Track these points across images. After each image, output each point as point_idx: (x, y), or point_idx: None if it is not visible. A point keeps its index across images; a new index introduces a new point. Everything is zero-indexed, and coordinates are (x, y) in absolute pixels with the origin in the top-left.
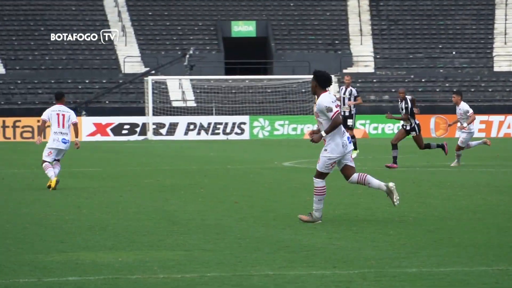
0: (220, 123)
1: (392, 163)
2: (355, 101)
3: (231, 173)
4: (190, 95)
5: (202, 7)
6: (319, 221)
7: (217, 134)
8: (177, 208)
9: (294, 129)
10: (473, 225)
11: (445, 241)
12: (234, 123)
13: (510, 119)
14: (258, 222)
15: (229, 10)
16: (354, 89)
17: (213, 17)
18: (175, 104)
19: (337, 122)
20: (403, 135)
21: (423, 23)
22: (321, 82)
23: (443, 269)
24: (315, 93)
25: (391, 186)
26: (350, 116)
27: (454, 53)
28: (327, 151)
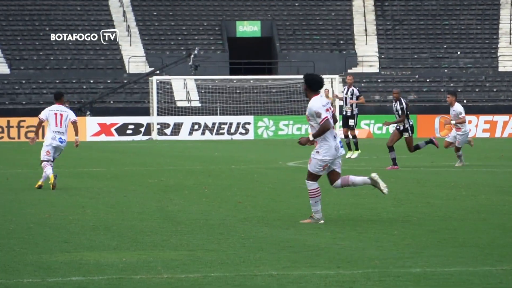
0: (224, 123)
1: (392, 165)
2: (357, 100)
3: (235, 173)
4: (194, 95)
5: (207, 7)
6: (321, 221)
7: (222, 134)
8: (181, 208)
9: (299, 129)
10: (477, 225)
11: (449, 241)
12: (238, 123)
13: None
14: (262, 222)
15: (234, 10)
16: (356, 89)
17: (218, 17)
18: (180, 104)
19: (325, 128)
20: (397, 136)
21: (428, 23)
22: (311, 85)
23: (447, 269)
24: (307, 96)
25: (374, 176)
26: (352, 116)
27: (458, 53)
28: (319, 153)
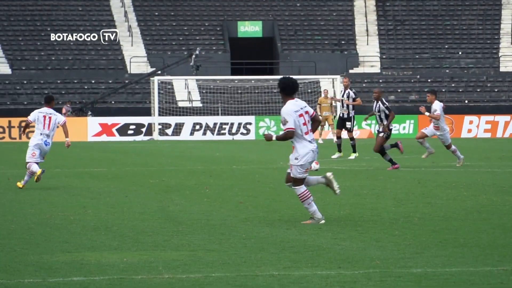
0: (226, 123)
1: (392, 166)
2: (353, 101)
3: (237, 173)
4: (196, 95)
5: (208, 7)
6: (322, 220)
7: (223, 134)
8: (182, 208)
9: None
10: (478, 226)
11: (450, 241)
12: (240, 123)
13: None
14: (263, 222)
15: (235, 10)
16: (352, 91)
17: (219, 17)
18: (181, 104)
19: (286, 136)
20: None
21: (429, 24)
22: (284, 89)
23: (448, 269)
24: (282, 100)
25: (329, 176)
26: (348, 118)
27: (460, 53)
28: (298, 159)
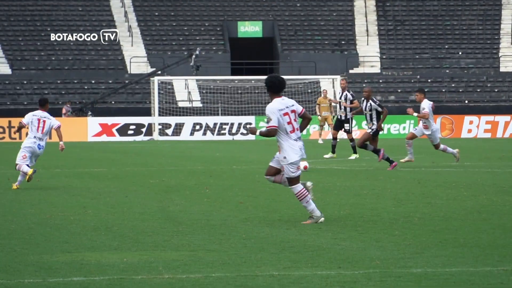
0: (226, 124)
1: (390, 165)
2: (351, 104)
3: (237, 173)
4: (196, 95)
5: (208, 8)
6: (322, 218)
7: (223, 134)
8: (182, 208)
9: None
10: (478, 226)
11: (450, 241)
12: (240, 124)
13: None
14: (263, 223)
15: (235, 10)
16: (349, 93)
17: (219, 17)
18: (181, 104)
19: (269, 133)
20: (375, 138)
21: (430, 24)
22: (270, 88)
23: (448, 269)
24: (270, 97)
25: (308, 186)
26: (346, 120)
27: (460, 53)
28: (286, 158)
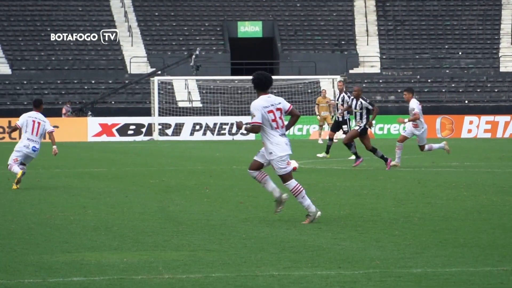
0: (226, 124)
1: (387, 163)
2: (348, 107)
3: (237, 173)
4: (196, 95)
5: (208, 8)
6: (318, 212)
7: (223, 134)
8: (182, 208)
9: (300, 129)
10: (478, 226)
11: (450, 241)
12: None
13: None
14: (263, 223)
15: (235, 10)
16: (346, 95)
17: (219, 17)
18: (181, 104)
19: (253, 129)
20: (365, 137)
21: (430, 24)
22: (256, 85)
23: (448, 269)
24: (257, 94)
25: (284, 198)
26: (344, 122)
27: (460, 53)
28: (272, 154)
